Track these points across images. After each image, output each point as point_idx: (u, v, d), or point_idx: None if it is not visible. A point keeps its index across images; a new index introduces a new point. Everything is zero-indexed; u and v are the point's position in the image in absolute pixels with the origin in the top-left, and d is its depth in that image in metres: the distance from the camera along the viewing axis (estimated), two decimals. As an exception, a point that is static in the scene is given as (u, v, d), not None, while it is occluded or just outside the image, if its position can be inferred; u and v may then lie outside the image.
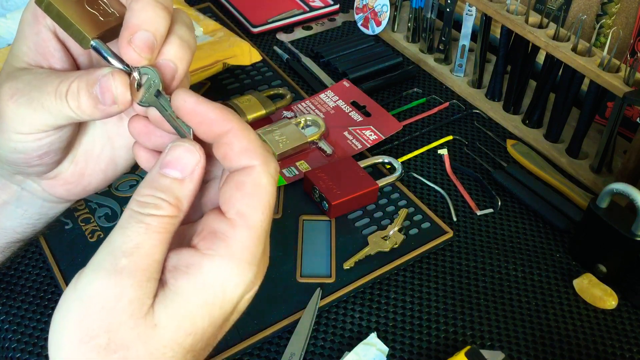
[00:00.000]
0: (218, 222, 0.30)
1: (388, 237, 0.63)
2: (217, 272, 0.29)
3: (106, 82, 0.32)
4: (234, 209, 0.30)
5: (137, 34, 0.31)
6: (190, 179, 0.31)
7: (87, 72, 0.33)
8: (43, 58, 0.36)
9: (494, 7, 0.74)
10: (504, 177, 0.70)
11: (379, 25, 0.92)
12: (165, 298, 0.29)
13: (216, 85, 0.81)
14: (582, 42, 0.67)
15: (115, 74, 0.32)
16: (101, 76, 0.32)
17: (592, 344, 0.56)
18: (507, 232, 0.66)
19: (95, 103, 0.33)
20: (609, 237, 0.58)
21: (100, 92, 0.32)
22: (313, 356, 0.54)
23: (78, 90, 0.33)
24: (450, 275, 0.61)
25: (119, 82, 0.32)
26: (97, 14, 0.33)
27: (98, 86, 0.32)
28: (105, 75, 0.32)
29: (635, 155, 0.64)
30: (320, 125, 0.74)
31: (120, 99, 0.32)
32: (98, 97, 0.32)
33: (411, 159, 0.73)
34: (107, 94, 0.32)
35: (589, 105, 0.68)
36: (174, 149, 0.31)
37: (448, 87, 0.85)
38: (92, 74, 0.33)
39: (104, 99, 0.32)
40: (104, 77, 0.32)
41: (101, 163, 0.39)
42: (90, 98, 0.33)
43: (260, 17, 0.94)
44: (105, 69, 0.32)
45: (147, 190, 0.30)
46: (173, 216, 0.30)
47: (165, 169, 0.31)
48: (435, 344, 0.56)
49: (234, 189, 0.30)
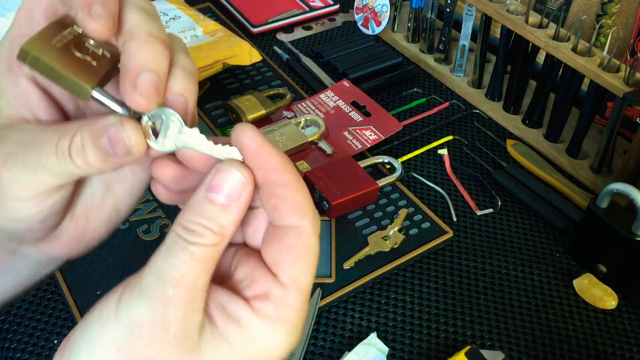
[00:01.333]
0: (270, 284, 0.29)
1: (388, 237, 0.63)
2: (268, 334, 0.29)
3: (116, 133, 0.29)
4: (287, 275, 0.30)
5: (140, 77, 0.29)
6: (237, 205, 0.29)
7: (89, 123, 0.30)
8: (27, 111, 0.32)
9: (494, 7, 0.74)
10: (504, 177, 0.70)
11: (379, 25, 0.92)
12: (214, 340, 0.28)
13: (216, 85, 0.81)
14: (582, 42, 0.67)
15: (125, 123, 0.29)
16: (108, 126, 0.29)
17: (592, 344, 0.56)
18: (507, 232, 0.66)
19: (105, 156, 0.30)
20: (609, 237, 0.58)
21: (109, 144, 0.29)
22: (313, 356, 0.54)
23: (83, 145, 0.30)
24: (450, 275, 0.61)
25: (130, 131, 0.29)
26: (89, 58, 0.30)
27: (105, 138, 0.29)
28: (113, 125, 0.29)
29: (635, 155, 0.64)
30: (320, 125, 0.74)
31: (135, 148, 0.29)
32: (107, 150, 0.29)
33: (411, 159, 0.73)
34: (119, 146, 0.29)
35: (589, 105, 0.68)
36: (221, 173, 0.29)
37: (448, 87, 0.85)
38: (96, 124, 0.30)
39: (115, 151, 0.29)
40: (112, 128, 0.29)
41: (103, 213, 0.36)
42: (99, 152, 0.30)
43: (260, 17, 0.94)
44: (110, 118, 0.30)
45: (192, 215, 0.28)
46: (217, 244, 0.29)
47: (211, 193, 0.29)
48: (435, 344, 0.56)
49: (285, 251, 0.30)
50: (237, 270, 0.30)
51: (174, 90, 0.31)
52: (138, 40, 0.29)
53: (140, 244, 0.62)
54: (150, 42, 0.29)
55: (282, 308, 0.29)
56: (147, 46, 0.29)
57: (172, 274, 0.27)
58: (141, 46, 0.29)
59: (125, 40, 0.29)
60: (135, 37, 0.29)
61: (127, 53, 0.29)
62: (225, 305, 0.29)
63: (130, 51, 0.29)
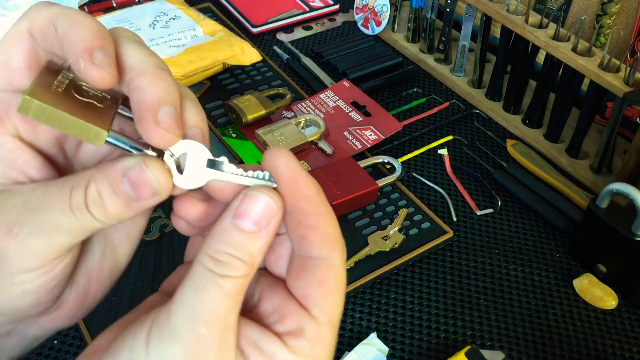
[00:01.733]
0: (303, 320, 0.28)
1: (388, 237, 0.63)
2: None
3: (140, 175, 0.27)
4: (319, 309, 0.29)
5: (161, 112, 0.27)
6: (266, 232, 0.28)
7: (101, 170, 0.28)
8: (18, 172, 0.29)
9: (494, 7, 0.74)
10: (504, 177, 0.70)
11: (379, 25, 0.92)
12: None
13: (216, 85, 0.81)
14: (582, 42, 0.67)
15: (149, 163, 0.27)
16: (128, 170, 0.27)
17: (592, 344, 0.56)
18: (507, 232, 0.66)
19: (127, 202, 0.28)
20: (609, 237, 0.58)
21: (132, 188, 0.27)
22: (313, 356, 0.54)
23: (100, 195, 0.27)
24: (450, 275, 0.61)
25: (156, 170, 0.27)
26: (93, 101, 0.28)
27: (126, 182, 0.27)
28: (134, 167, 0.27)
29: (635, 155, 0.64)
30: (320, 125, 0.74)
31: (164, 188, 0.28)
32: (130, 195, 0.27)
33: (411, 159, 0.73)
34: (144, 188, 0.27)
35: (589, 105, 0.68)
36: (249, 199, 0.27)
37: (448, 87, 0.85)
38: (111, 170, 0.28)
39: (139, 195, 0.28)
40: (134, 170, 0.27)
41: (104, 270, 0.33)
42: (119, 199, 0.28)
43: (260, 17, 0.94)
44: (127, 160, 0.28)
45: (219, 245, 0.27)
46: (247, 275, 0.27)
47: (238, 220, 0.27)
48: (435, 344, 0.56)
49: (317, 284, 0.28)
50: (264, 302, 0.29)
51: (190, 123, 0.29)
52: (148, 76, 0.28)
53: (140, 244, 0.61)
54: (161, 76, 0.28)
55: (317, 344, 0.28)
56: (158, 80, 0.28)
57: (204, 312, 0.26)
58: (153, 81, 0.28)
59: (132, 77, 0.28)
60: (144, 73, 0.28)
61: (139, 90, 0.28)
62: (258, 341, 0.28)
63: (143, 87, 0.28)
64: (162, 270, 0.58)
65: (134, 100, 0.28)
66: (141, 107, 0.27)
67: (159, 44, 0.79)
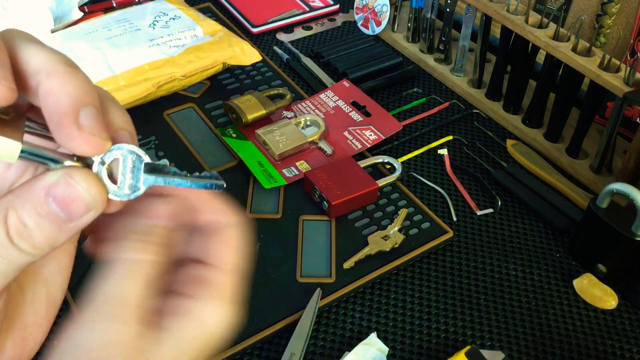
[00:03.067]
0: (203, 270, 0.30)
1: (388, 237, 0.63)
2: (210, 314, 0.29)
3: (68, 190, 0.24)
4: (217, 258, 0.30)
5: (82, 115, 0.24)
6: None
7: (19, 194, 0.24)
8: None
9: (494, 7, 0.74)
10: (504, 177, 0.70)
11: (379, 25, 0.92)
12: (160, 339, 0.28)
13: (216, 85, 0.81)
14: (582, 42, 0.67)
15: (75, 174, 0.24)
16: (51, 187, 0.24)
17: (592, 344, 0.56)
18: (507, 232, 0.66)
19: (58, 225, 0.24)
20: (609, 237, 0.58)
21: (61, 207, 0.24)
22: (313, 356, 0.54)
23: (24, 224, 0.24)
24: (450, 275, 0.61)
25: (86, 181, 0.24)
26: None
27: (51, 202, 0.24)
28: (58, 182, 0.24)
29: (635, 155, 0.64)
30: (320, 125, 0.74)
31: (98, 201, 0.25)
32: (59, 215, 0.24)
33: (411, 159, 0.73)
34: (76, 204, 0.24)
35: (589, 105, 0.68)
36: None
37: (448, 87, 0.85)
38: (31, 191, 0.24)
39: (70, 213, 0.24)
40: (60, 186, 0.24)
41: (40, 310, 0.29)
42: (48, 223, 0.24)
43: (260, 17, 0.94)
44: (49, 175, 0.24)
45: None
46: None
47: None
48: (435, 344, 0.56)
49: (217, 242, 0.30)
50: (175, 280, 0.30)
51: (115, 126, 0.26)
52: (58, 76, 0.24)
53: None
54: (74, 74, 0.24)
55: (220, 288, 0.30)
56: (72, 79, 0.24)
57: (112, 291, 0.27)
58: (66, 81, 0.24)
59: (40, 81, 0.24)
60: (52, 73, 0.24)
61: (51, 93, 0.24)
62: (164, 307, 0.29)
63: (55, 90, 0.24)
64: (162, 270, 0.58)
65: (48, 106, 0.24)
66: (58, 112, 0.24)
67: (159, 44, 0.79)
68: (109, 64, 0.75)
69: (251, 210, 0.65)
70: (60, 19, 0.86)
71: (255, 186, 0.68)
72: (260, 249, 0.61)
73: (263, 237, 0.62)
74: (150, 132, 0.73)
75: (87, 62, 0.75)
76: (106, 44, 0.78)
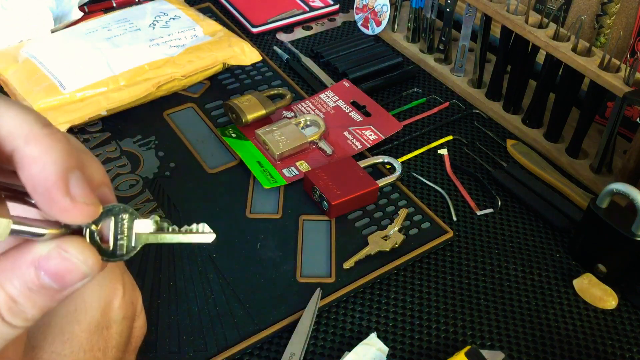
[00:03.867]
0: None
1: (388, 237, 0.63)
2: None
3: (63, 264, 0.23)
4: None
5: (72, 184, 0.23)
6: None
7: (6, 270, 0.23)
8: None
9: (494, 7, 0.74)
10: (504, 177, 0.70)
11: (379, 25, 0.92)
12: None
13: (216, 85, 0.81)
14: (582, 42, 0.67)
15: (68, 246, 0.23)
16: (43, 260, 0.23)
17: (592, 344, 0.56)
18: (507, 232, 0.66)
19: (52, 295, 0.24)
20: (609, 237, 0.58)
21: (55, 279, 0.23)
22: (313, 356, 0.54)
23: (15, 300, 0.23)
24: (450, 275, 0.61)
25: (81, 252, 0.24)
26: None
27: (43, 276, 0.23)
28: (52, 255, 0.23)
29: (635, 155, 0.64)
30: (320, 125, 0.74)
31: (94, 268, 0.24)
32: (51, 286, 0.23)
33: (411, 159, 0.73)
34: (71, 275, 0.24)
35: (589, 105, 0.68)
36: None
37: (448, 87, 0.85)
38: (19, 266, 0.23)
39: (64, 284, 0.24)
40: (54, 260, 0.23)
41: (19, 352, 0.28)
42: (40, 296, 0.23)
43: (260, 17, 0.94)
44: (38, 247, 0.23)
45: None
46: None
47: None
48: (435, 344, 0.56)
49: None
50: None
51: (96, 182, 0.25)
52: (38, 141, 0.23)
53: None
54: (53, 136, 0.23)
55: None
56: (53, 143, 0.23)
57: None
58: (48, 146, 0.23)
59: (17, 146, 0.23)
60: (31, 138, 0.23)
61: (34, 162, 0.22)
62: None
63: (38, 158, 0.22)
64: (162, 270, 0.59)
65: (32, 176, 0.22)
66: (45, 184, 0.22)
67: (159, 44, 0.79)
68: (109, 64, 0.75)
69: (251, 210, 0.65)
70: (60, 19, 0.86)
71: (255, 186, 0.68)
72: (260, 249, 0.61)
73: (263, 237, 0.62)
74: (150, 132, 0.73)
75: (87, 62, 0.75)
76: (106, 44, 0.78)
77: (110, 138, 0.72)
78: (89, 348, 0.29)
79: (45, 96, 0.71)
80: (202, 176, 0.68)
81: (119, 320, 0.31)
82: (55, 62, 0.75)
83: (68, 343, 0.28)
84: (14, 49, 0.78)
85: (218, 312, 0.56)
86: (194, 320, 0.55)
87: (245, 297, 0.57)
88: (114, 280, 0.31)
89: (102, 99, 0.73)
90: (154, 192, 0.66)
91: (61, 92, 0.72)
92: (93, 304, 0.29)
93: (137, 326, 0.34)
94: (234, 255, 0.60)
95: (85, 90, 0.73)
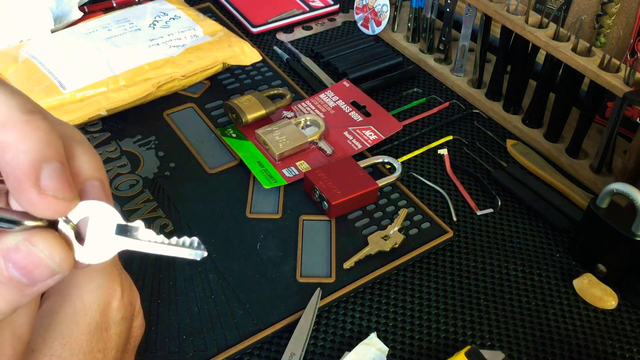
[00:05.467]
0: None
1: (388, 237, 0.63)
2: None
3: (29, 257, 0.22)
4: None
5: (44, 175, 0.21)
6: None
7: None
8: None
9: (494, 7, 0.74)
10: (504, 177, 0.70)
11: (379, 25, 0.92)
12: None
13: (216, 85, 0.81)
14: (582, 42, 0.67)
15: (36, 239, 0.22)
16: (10, 252, 0.22)
17: (592, 344, 0.56)
18: (507, 232, 0.66)
19: (20, 290, 0.22)
20: (609, 237, 0.58)
21: (22, 273, 0.22)
22: (313, 356, 0.54)
23: None
24: (450, 275, 0.61)
25: (49, 247, 0.22)
26: None
27: (11, 268, 0.22)
28: (18, 247, 0.22)
29: (635, 155, 0.64)
30: (320, 125, 0.74)
31: (64, 265, 0.23)
32: (21, 281, 0.22)
33: (411, 159, 0.73)
34: (38, 270, 0.22)
35: (589, 105, 0.68)
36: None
37: (448, 87, 0.85)
38: None
39: (33, 279, 0.22)
40: (20, 252, 0.22)
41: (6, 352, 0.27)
42: (8, 289, 0.22)
43: (260, 17, 0.94)
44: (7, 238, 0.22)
45: None
46: None
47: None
48: (435, 344, 0.56)
49: None
50: None
51: (84, 175, 0.24)
52: (15, 127, 0.21)
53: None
54: (33, 123, 0.21)
55: None
56: (30, 130, 0.21)
57: None
58: (24, 133, 0.21)
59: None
60: (8, 123, 0.21)
61: (7, 149, 0.21)
62: None
63: (12, 144, 0.21)
64: (162, 270, 0.59)
65: (4, 164, 0.21)
66: (16, 173, 0.21)
67: (159, 44, 0.79)
68: (109, 64, 0.75)
69: (251, 210, 0.65)
70: (60, 19, 0.86)
71: (255, 186, 0.68)
72: (260, 249, 0.61)
73: (263, 237, 0.62)
74: (150, 132, 0.73)
75: (87, 62, 0.75)
76: (106, 44, 0.78)
77: (110, 138, 0.72)
78: (89, 350, 0.30)
79: (46, 96, 0.71)
80: (202, 176, 0.68)
81: (117, 321, 0.32)
82: (55, 62, 0.75)
83: (67, 345, 0.29)
84: (14, 49, 0.78)
85: (218, 312, 0.56)
86: (194, 320, 0.55)
87: (245, 297, 0.57)
88: (112, 281, 0.31)
89: (102, 99, 0.73)
90: (154, 192, 0.66)
91: (61, 92, 0.72)
92: (92, 305, 0.30)
93: (135, 326, 0.34)
94: (234, 255, 0.60)
95: (85, 90, 0.73)
